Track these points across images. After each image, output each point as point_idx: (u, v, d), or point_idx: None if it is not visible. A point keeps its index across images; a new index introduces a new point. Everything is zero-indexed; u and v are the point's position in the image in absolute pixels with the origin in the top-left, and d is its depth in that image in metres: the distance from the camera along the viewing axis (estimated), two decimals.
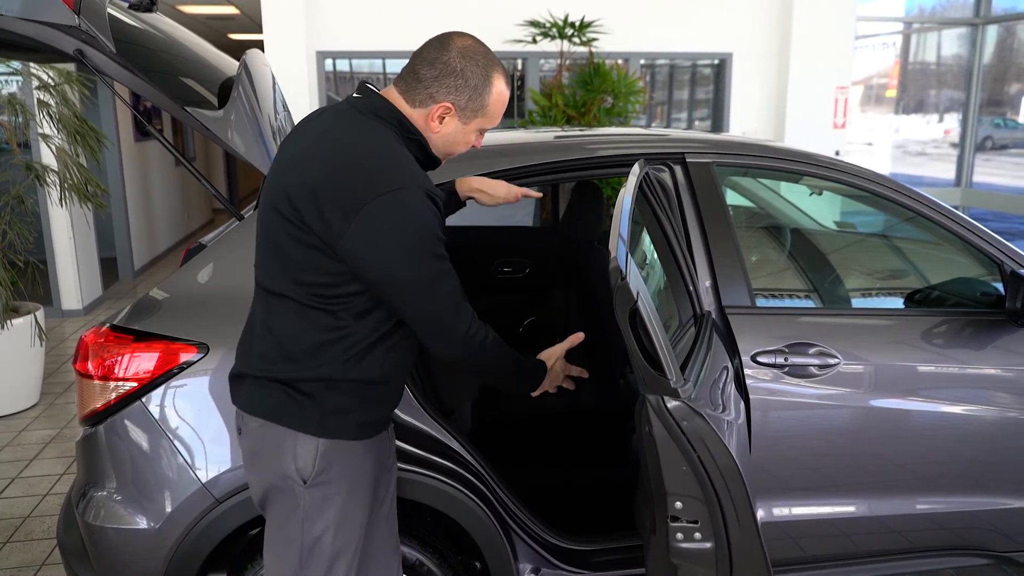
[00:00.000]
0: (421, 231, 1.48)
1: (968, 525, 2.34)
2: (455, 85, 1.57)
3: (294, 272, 1.54)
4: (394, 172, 1.49)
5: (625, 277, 1.51)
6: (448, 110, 1.58)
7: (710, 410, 1.79)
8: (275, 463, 1.58)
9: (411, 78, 1.58)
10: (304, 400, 1.56)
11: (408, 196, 1.47)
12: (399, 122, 1.58)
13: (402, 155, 1.54)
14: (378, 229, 1.46)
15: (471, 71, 1.57)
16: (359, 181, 1.47)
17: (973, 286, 2.36)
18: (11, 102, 4.48)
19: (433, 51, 1.58)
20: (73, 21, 1.77)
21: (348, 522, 1.61)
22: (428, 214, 1.49)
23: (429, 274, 1.51)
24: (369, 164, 1.50)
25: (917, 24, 9.08)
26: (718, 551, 1.72)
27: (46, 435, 4.15)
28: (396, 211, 1.46)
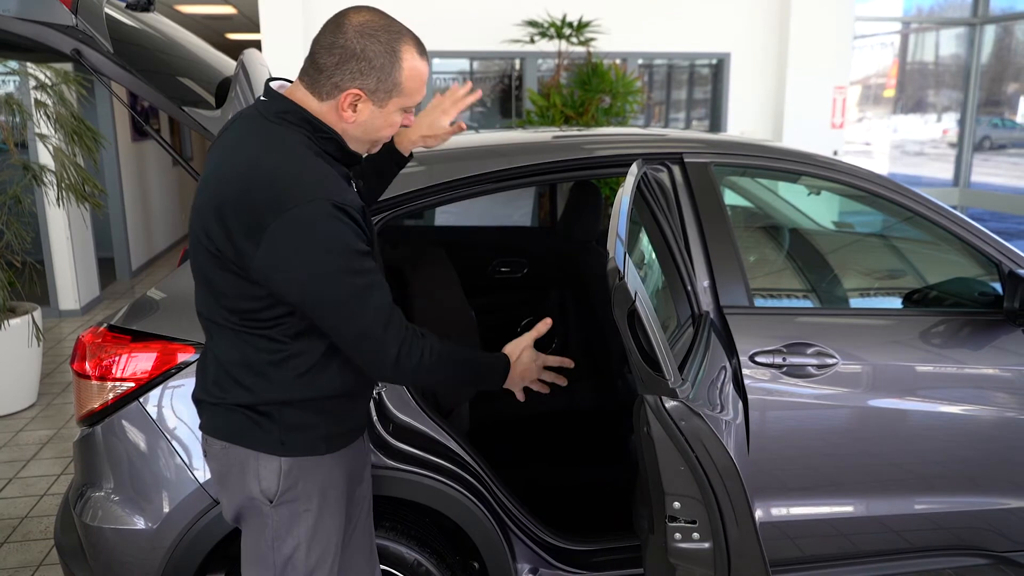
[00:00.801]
0: (331, 247, 1.37)
1: (966, 525, 2.34)
2: (359, 69, 1.42)
3: (221, 299, 1.48)
4: (297, 187, 1.36)
5: (623, 277, 1.51)
6: (358, 97, 1.44)
7: (708, 410, 1.79)
8: (241, 484, 1.55)
9: (313, 69, 1.45)
10: (263, 420, 1.52)
11: (314, 211, 1.35)
12: (308, 123, 1.46)
13: (309, 164, 1.41)
14: (285, 250, 1.36)
15: (373, 50, 1.42)
16: (261, 199, 1.36)
17: (971, 286, 2.36)
18: (8, 102, 4.47)
19: (329, 35, 1.43)
20: (71, 21, 1.77)
21: (321, 537, 1.58)
22: (339, 227, 1.37)
23: (347, 293, 1.39)
24: (272, 180, 1.38)
25: (915, 24, 9.09)
26: (716, 551, 1.72)
27: (43, 435, 4.15)
28: (301, 229, 1.35)
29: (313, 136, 1.46)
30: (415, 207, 2.13)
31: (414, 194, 2.10)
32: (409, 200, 2.10)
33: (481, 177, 2.17)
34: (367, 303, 1.41)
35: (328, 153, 1.48)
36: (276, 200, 1.36)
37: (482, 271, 3.68)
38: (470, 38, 6.53)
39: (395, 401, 2.03)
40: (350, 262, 1.39)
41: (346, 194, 1.42)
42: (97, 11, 1.83)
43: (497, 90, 7.15)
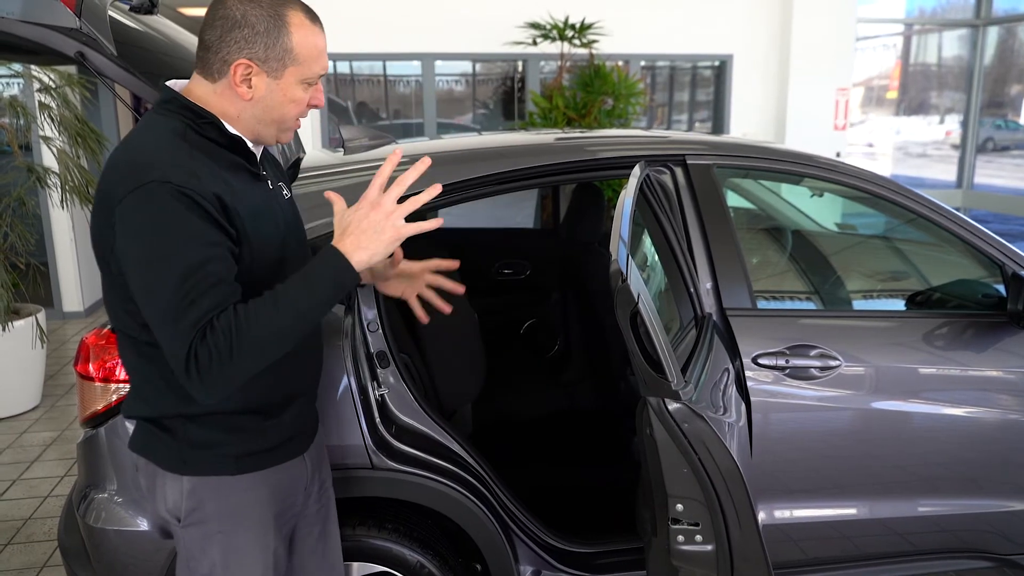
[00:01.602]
0: (158, 230, 1.27)
1: (970, 528, 2.34)
2: (243, 37, 1.34)
3: (113, 304, 1.42)
4: (140, 168, 1.29)
5: (626, 279, 1.51)
6: (249, 68, 1.35)
7: (711, 412, 1.79)
8: (154, 501, 1.51)
9: (201, 51, 1.37)
10: (165, 436, 1.45)
11: (149, 192, 1.26)
12: (187, 109, 1.38)
13: (163, 147, 1.32)
14: (125, 232, 1.29)
15: (255, 14, 1.34)
16: (112, 183, 1.31)
17: (974, 288, 2.36)
18: (12, 104, 4.49)
19: (211, 11, 1.36)
20: (74, 23, 1.77)
21: (240, 560, 1.49)
22: (170, 211, 1.26)
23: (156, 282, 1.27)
24: (122, 163, 1.33)
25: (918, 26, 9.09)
26: (719, 553, 1.72)
27: (47, 437, 4.15)
28: (137, 210, 1.27)
29: (195, 123, 1.38)
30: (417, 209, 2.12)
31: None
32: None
33: (484, 179, 2.17)
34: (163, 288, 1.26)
35: (212, 140, 1.39)
36: (120, 183, 1.30)
37: (485, 273, 3.69)
38: (473, 40, 6.54)
39: (397, 403, 2.03)
40: (174, 248, 1.26)
41: (195, 178, 1.30)
42: (100, 14, 1.83)
43: (500, 92, 7.16)
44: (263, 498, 1.51)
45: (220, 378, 1.26)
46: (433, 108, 6.78)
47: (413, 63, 6.76)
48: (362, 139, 2.47)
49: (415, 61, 6.72)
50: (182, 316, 1.25)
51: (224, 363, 1.25)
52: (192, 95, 1.41)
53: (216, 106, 1.40)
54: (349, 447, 1.93)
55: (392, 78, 6.94)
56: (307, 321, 1.33)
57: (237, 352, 1.25)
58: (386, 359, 1.99)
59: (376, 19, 6.39)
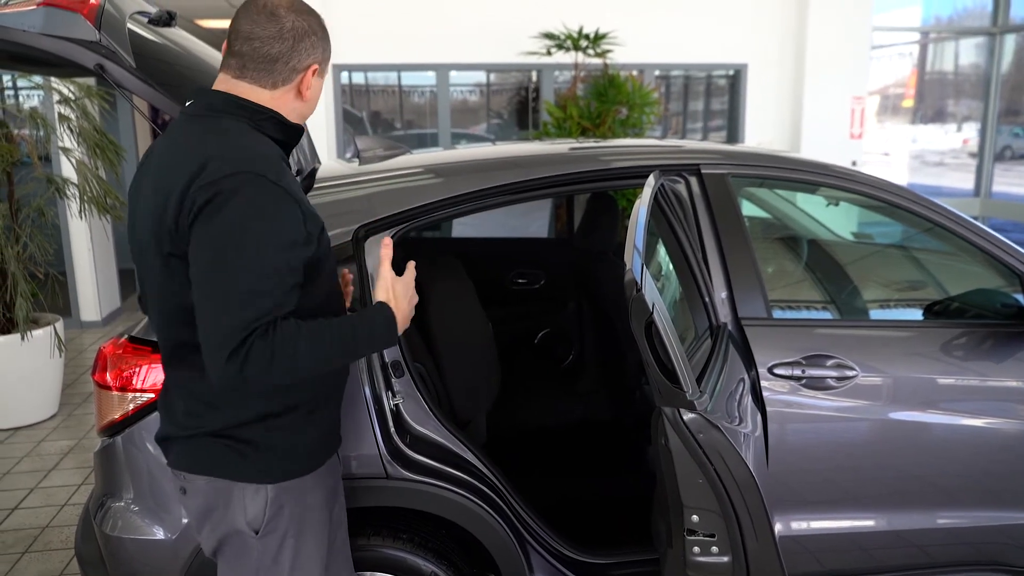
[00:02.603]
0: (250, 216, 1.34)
1: (988, 540, 2.31)
2: (311, 44, 1.48)
3: (174, 311, 1.45)
4: (230, 158, 1.37)
5: (640, 289, 1.50)
6: (316, 70, 1.51)
7: (726, 422, 1.79)
8: (227, 517, 1.53)
9: (263, 62, 1.46)
10: (244, 448, 1.50)
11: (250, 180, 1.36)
12: (242, 108, 1.47)
13: (242, 138, 1.42)
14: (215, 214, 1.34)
15: (314, 23, 1.49)
16: (205, 180, 1.36)
17: (993, 297, 2.34)
18: (33, 116, 4.54)
19: (268, 26, 1.44)
20: (94, 36, 1.79)
21: (306, 562, 1.56)
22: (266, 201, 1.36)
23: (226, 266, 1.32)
24: (213, 159, 1.38)
25: (934, 34, 9.04)
26: (735, 565, 1.71)
27: (65, 446, 4.18)
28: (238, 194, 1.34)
29: (252, 120, 1.47)
30: (432, 219, 2.13)
31: (431, 206, 2.10)
32: (426, 212, 2.10)
33: (498, 189, 2.17)
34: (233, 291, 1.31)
35: (267, 134, 1.48)
36: (206, 185, 1.35)
37: (499, 282, 3.69)
38: (488, 50, 6.56)
39: (412, 412, 2.03)
40: (264, 239, 1.34)
41: (284, 175, 1.41)
42: (120, 26, 1.85)
43: (514, 102, 7.18)
44: (323, 500, 1.59)
45: (260, 376, 1.33)
46: (447, 118, 6.80)
47: (428, 73, 6.79)
48: (376, 149, 2.48)
49: (430, 71, 6.75)
50: (250, 304, 1.31)
51: (274, 366, 1.32)
52: (248, 98, 1.49)
53: (266, 104, 1.49)
54: (364, 456, 1.94)
55: (407, 88, 6.98)
56: (346, 358, 1.52)
57: (290, 362, 1.34)
58: (401, 369, 2.00)
59: (391, 30, 6.43)
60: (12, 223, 4.37)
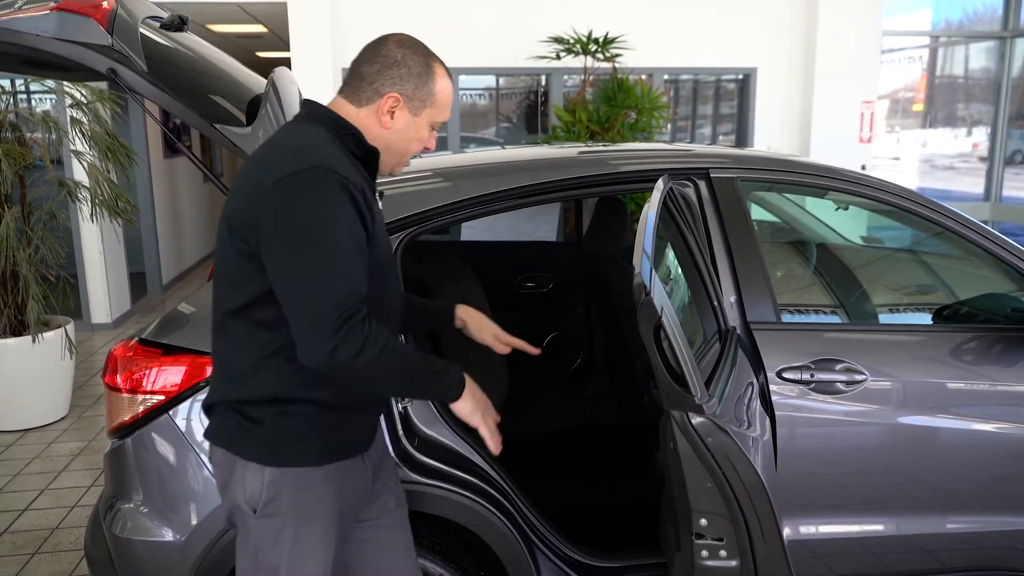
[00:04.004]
0: (317, 209, 1.40)
1: (998, 545, 2.30)
2: (399, 75, 1.55)
3: (235, 290, 1.51)
4: (302, 154, 1.44)
5: (649, 292, 1.51)
6: (397, 102, 1.56)
7: (735, 426, 1.78)
8: (230, 491, 1.55)
9: (355, 80, 1.57)
10: (252, 426, 1.52)
11: (314, 175, 1.41)
12: (330, 120, 1.55)
13: (320, 142, 1.48)
14: (284, 202, 1.41)
15: (412, 60, 1.56)
16: (271, 167, 1.44)
17: (1003, 302, 2.32)
18: (45, 120, 4.57)
19: (371, 50, 1.58)
20: (106, 41, 1.81)
21: (305, 556, 1.54)
22: (332, 193, 1.42)
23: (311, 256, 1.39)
24: (282, 150, 1.47)
25: (944, 38, 9.01)
26: (743, 569, 1.71)
27: (75, 447, 4.21)
28: (303, 186, 1.41)
29: (334, 131, 1.54)
30: (441, 222, 2.14)
31: (440, 209, 2.11)
32: (435, 215, 2.11)
33: (507, 192, 2.18)
34: (327, 273, 1.38)
35: (349, 150, 1.54)
36: (281, 163, 1.43)
37: (507, 286, 3.69)
38: (497, 55, 6.57)
39: (421, 415, 2.04)
40: (333, 229, 1.41)
41: (352, 173, 1.46)
42: (132, 31, 1.87)
43: (523, 106, 7.18)
44: (332, 495, 1.57)
45: (349, 359, 1.38)
46: (457, 122, 6.81)
47: None
48: None
49: None
50: (338, 288, 1.38)
51: (365, 356, 1.38)
52: (339, 110, 1.58)
53: (353, 122, 1.57)
54: None
55: None
56: (410, 382, 1.56)
57: (374, 358, 1.39)
58: None
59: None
60: (24, 226, 4.40)
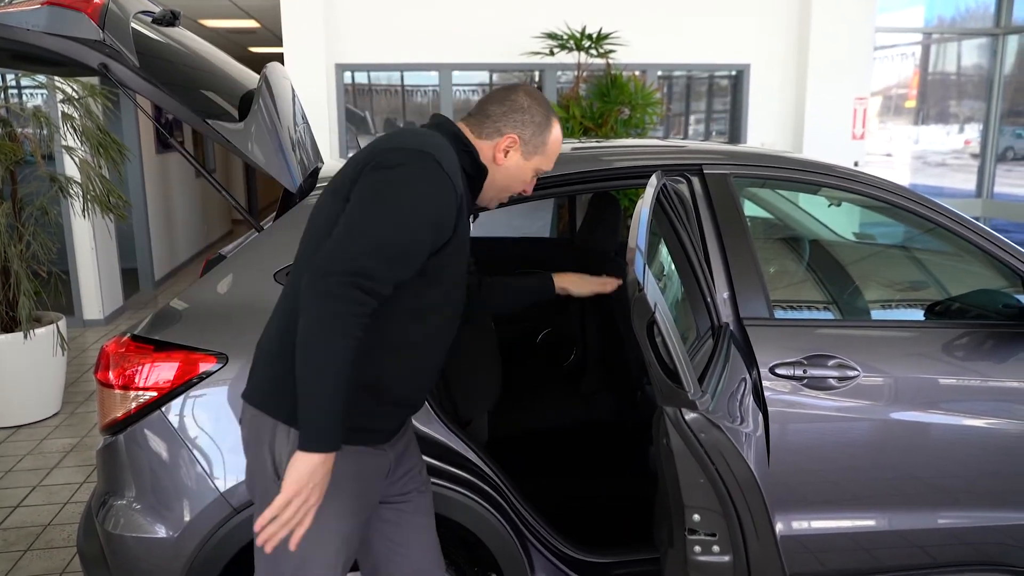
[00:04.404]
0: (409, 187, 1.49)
1: (990, 540, 2.31)
2: (521, 120, 1.70)
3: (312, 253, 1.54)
4: (430, 146, 1.54)
5: (643, 289, 1.51)
6: (514, 142, 1.70)
7: (728, 422, 1.79)
8: (259, 454, 1.56)
9: (480, 115, 1.72)
10: (287, 392, 1.49)
11: (428, 162, 1.51)
12: (455, 136, 1.67)
13: (448, 147, 1.58)
14: (384, 172, 1.50)
15: (535, 109, 1.72)
16: (393, 142, 1.55)
17: (995, 298, 2.34)
18: (36, 115, 4.55)
19: (501, 93, 1.74)
20: (98, 35, 1.80)
21: (323, 529, 1.56)
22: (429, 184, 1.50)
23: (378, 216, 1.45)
24: (411, 135, 1.57)
25: (936, 34, 9.03)
26: (736, 564, 1.71)
27: (67, 444, 4.19)
28: (408, 167, 1.50)
29: (457, 146, 1.65)
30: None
31: None
32: None
33: None
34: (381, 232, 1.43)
35: (462, 166, 1.63)
36: (401, 145, 1.53)
37: None
38: (490, 51, 6.56)
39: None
40: (413, 203, 1.47)
41: (457, 181, 1.55)
42: (124, 26, 1.86)
43: None
44: (351, 474, 1.58)
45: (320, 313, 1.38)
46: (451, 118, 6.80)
47: (431, 73, 6.79)
48: None
49: (433, 71, 6.75)
50: (356, 260, 1.40)
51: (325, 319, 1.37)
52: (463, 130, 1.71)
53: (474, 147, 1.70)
54: None
55: (410, 88, 6.97)
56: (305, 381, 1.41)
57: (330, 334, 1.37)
58: None
59: (394, 30, 6.44)
60: (15, 221, 4.37)
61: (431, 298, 1.59)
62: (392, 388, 1.61)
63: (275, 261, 2.00)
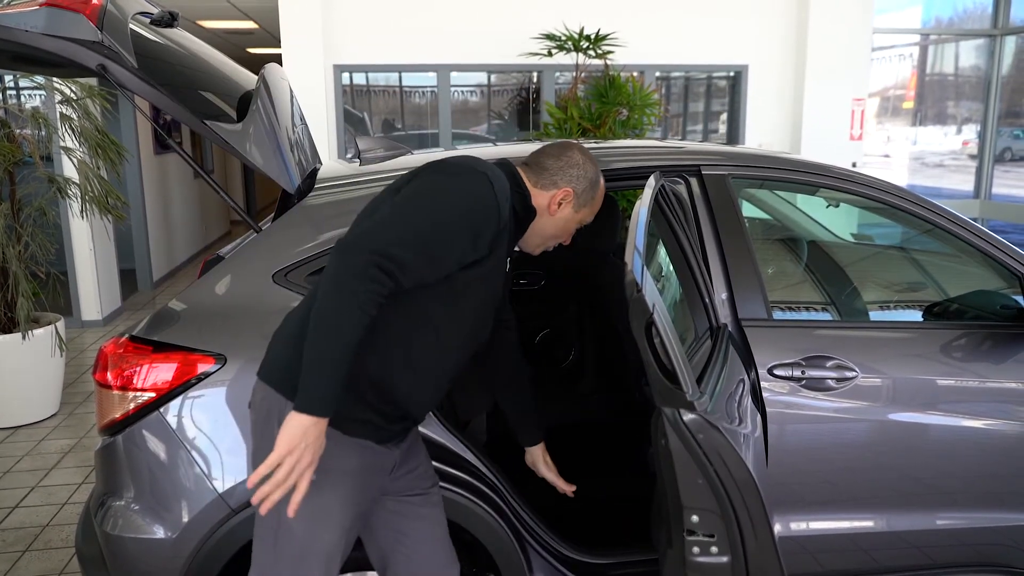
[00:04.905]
0: (455, 193, 1.57)
1: (988, 541, 2.31)
2: (577, 175, 1.80)
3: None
4: (485, 167, 1.63)
5: (641, 289, 1.51)
6: (568, 196, 1.79)
7: (726, 423, 1.79)
8: (266, 431, 1.57)
9: (537, 167, 1.81)
10: (296, 365, 1.50)
11: (479, 178, 1.60)
12: (512, 176, 1.75)
13: (503, 178, 1.66)
14: (437, 176, 1.61)
15: (588, 167, 1.82)
16: (453, 161, 1.65)
17: (993, 299, 2.34)
18: (35, 116, 4.55)
19: (558, 148, 1.83)
20: (96, 36, 1.80)
21: (326, 518, 1.58)
22: (475, 196, 1.58)
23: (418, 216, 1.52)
24: (472, 159, 1.67)
25: (934, 36, 9.04)
26: (735, 565, 1.71)
27: (65, 444, 4.19)
28: (459, 177, 1.60)
29: (511, 182, 1.71)
30: None
31: None
32: None
33: None
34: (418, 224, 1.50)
35: (512, 205, 1.68)
36: (460, 163, 1.64)
37: None
38: (488, 51, 6.56)
39: None
40: (451, 209, 1.55)
41: (504, 209, 1.62)
42: (122, 27, 1.86)
43: (515, 103, 7.18)
44: (353, 466, 1.62)
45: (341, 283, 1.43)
46: (448, 119, 6.80)
47: (429, 74, 6.79)
48: (377, 150, 2.49)
49: (431, 72, 6.76)
50: (386, 242, 1.45)
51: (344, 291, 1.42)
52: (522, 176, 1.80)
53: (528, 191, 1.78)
54: None
55: (408, 89, 6.98)
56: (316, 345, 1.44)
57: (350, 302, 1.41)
58: None
59: (392, 30, 6.44)
60: (14, 222, 4.37)
61: (453, 314, 1.64)
62: (393, 393, 1.63)
63: (273, 262, 2.00)
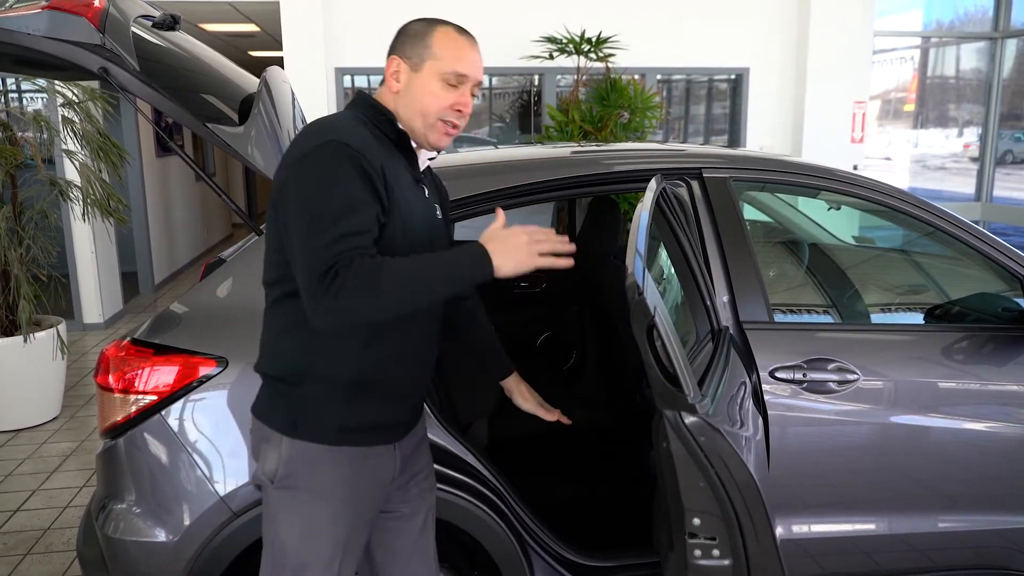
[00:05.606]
0: (326, 173, 1.44)
1: (990, 544, 2.31)
2: (400, 42, 1.63)
3: (270, 254, 1.59)
4: (319, 133, 1.49)
5: (642, 292, 1.51)
6: (398, 64, 1.60)
7: (728, 426, 1.79)
8: (258, 460, 1.61)
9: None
10: (278, 399, 1.59)
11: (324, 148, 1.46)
12: (369, 106, 1.61)
13: (341, 122, 1.53)
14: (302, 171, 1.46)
15: (414, 27, 1.63)
16: (300, 141, 1.51)
17: (994, 301, 2.34)
18: (36, 119, 4.55)
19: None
20: (98, 40, 1.80)
21: (316, 533, 1.56)
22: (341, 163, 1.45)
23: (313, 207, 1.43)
24: (313, 129, 1.52)
25: (935, 38, 9.05)
26: (736, 568, 1.71)
27: (67, 447, 4.19)
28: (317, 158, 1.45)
29: (374, 118, 1.58)
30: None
31: None
32: None
33: (500, 192, 2.18)
34: (322, 231, 1.39)
35: (384, 134, 1.58)
36: (306, 142, 1.48)
37: (501, 286, 3.68)
38: (490, 54, 6.50)
39: None
40: (335, 192, 1.42)
41: (370, 150, 1.48)
42: (124, 30, 1.86)
43: (516, 105, 7.18)
44: (347, 477, 1.58)
45: (347, 303, 1.36)
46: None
47: None
48: None
49: None
50: (329, 242, 1.37)
51: (358, 292, 1.36)
52: (377, 97, 1.64)
53: (387, 105, 1.61)
54: None
55: None
56: (432, 293, 1.46)
57: (372, 288, 1.36)
58: None
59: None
60: (16, 225, 4.38)
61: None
62: (375, 379, 1.59)
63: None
